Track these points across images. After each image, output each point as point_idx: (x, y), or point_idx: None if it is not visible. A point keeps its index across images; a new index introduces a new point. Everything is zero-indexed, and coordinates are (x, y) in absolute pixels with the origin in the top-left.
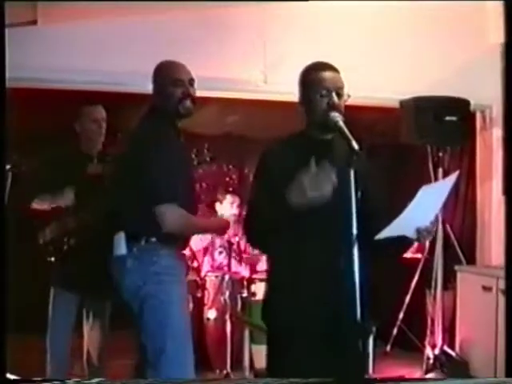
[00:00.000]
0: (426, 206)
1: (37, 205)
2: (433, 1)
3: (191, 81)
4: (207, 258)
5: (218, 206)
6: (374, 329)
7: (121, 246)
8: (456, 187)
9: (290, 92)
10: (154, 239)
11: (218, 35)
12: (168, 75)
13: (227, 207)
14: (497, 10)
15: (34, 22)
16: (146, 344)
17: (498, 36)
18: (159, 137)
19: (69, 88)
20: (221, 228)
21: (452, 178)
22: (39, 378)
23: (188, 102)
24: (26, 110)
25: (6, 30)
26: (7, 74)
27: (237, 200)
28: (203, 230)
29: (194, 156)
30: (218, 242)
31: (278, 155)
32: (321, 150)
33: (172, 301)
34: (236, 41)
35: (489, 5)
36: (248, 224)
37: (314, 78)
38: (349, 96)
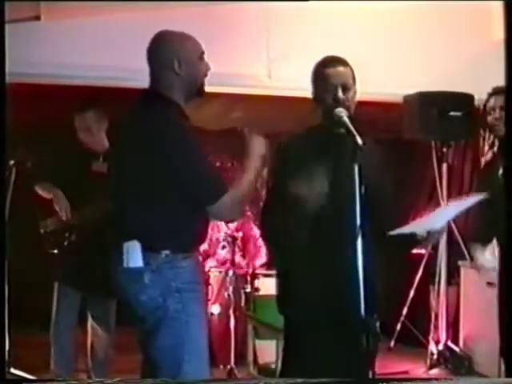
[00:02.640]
0: (444, 214)
1: (40, 191)
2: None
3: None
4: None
5: None
6: (378, 323)
7: (135, 257)
8: (460, 183)
9: (295, 87)
10: (174, 250)
11: (222, 30)
12: (191, 47)
13: None
14: (501, 6)
15: (38, 18)
16: (159, 364)
17: (502, 32)
18: (180, 128)
19: (74, 84)
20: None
21: (475, 198)
22: (39, 378)
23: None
24: (33, 105)
25: (8, 26)
26: (12, 69)
27: None
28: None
29: None
30: (221, 236)
31: (295, 149)
32: (334, 144)
33: (193, 321)
34: (240, 36)
35: (493, 1)
36: (263, 219)
37: (320, 74)
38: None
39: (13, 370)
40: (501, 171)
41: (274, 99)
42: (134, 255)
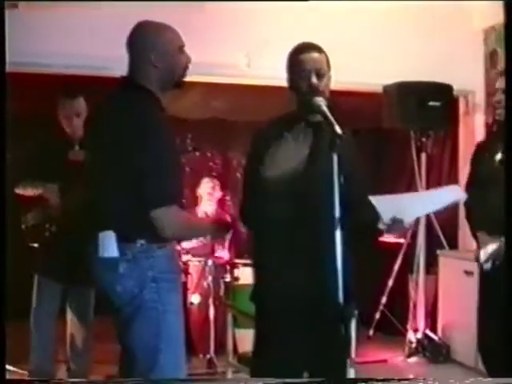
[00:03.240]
0: (417, 205)
1: (20, 191)
2: None
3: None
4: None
5: (198, 190)
6: (356, 312)
7: (111, 247)
8: (439, 172)
9: (274, 76)
10: (150, 240)
11: (201, 19)
12: (173, 41)
13: (206, 191)
14: None
15: (15, 6)
16: (135, 354)
17: (481, 22)
18: (151, 121)
19: (51, 72)
20: (221, 229)
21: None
22: (39, 378)
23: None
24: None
25: None
26: None
27: (217, 184)
28: (203, 233)
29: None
30: None
31: (268, 137)
32: (310, 132)
33: (169, 310)
34: (219, 25)
35: None
36: (241, 207)
37: (294, 60)
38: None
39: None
40: (499, 156)
41: (253, 88)
42: (109, 245)
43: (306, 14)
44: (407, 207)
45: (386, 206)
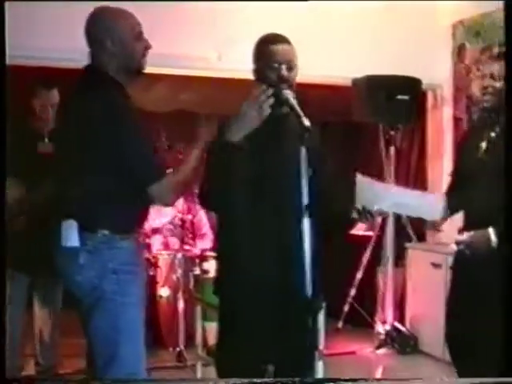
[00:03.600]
0: (390, 200)
1: None
2: None
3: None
4: (158, 237)
5: None
6: (323, 304)
7: (71, 236)
8: (407, 165)
9: (244, 69)
10: (112, 230)
11: (171, 12)
12: (130, 27)
13: None
14: None
15: None
16: (95, 347)
17: (449, 17)
18: (120, 107)
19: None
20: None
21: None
22: (39, 378)
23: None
24: None
25: None
26: None
27: None
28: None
29: None
30: (169, 219)
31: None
32: (276, 124)
33: (129, 302)
34: (189, 17)
35: None
36: (201, 191)
37: (264, 50)
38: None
39: None
40: (484, 145)
41: (223, 81)
42: (70, 234)
43: (276, 7)
44: (383, 197)
45: (366, 189)
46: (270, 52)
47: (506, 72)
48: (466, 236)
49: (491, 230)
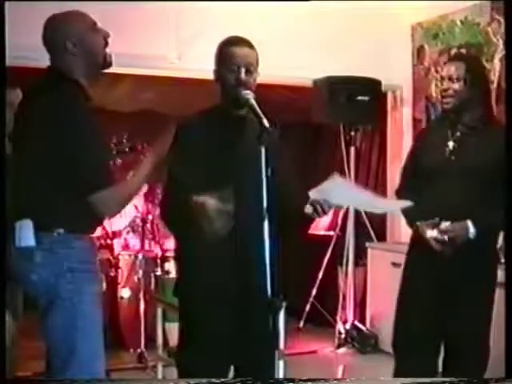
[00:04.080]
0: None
1: None
2: None
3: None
4: (118, 240)
5: None
6: (284, 304)
7: (27, 236)
8: (368, 166)
9: (205, 69)
10: (67, 229)
11: (131, 10)
12: (85, 24)
13: None
14: None
15: None
16: (53, 346)
17: (409, 19)
18: (74, 108)
19: None
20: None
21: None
22: (39, 378)
23: (106, 49)
24: None
25: None
26: None
27: None
28: (141, 185)
29: (113, 145)
30: (130, 220)
31: (192, 131)
32: (234, 126)
33: (85, 301)
34: (149, 17)
35: None
36: (161, 202)
37: (225, 53)
38: (258, 73)
39: None
40: (451, 144)
41: (184, 81)
42: (25, 234)
43: (237, 7)
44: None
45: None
46: (230, 54)
47: (506, 71)
48: (444, 226)
49: (469, 222)
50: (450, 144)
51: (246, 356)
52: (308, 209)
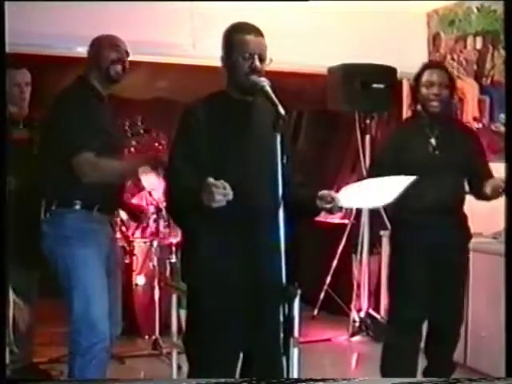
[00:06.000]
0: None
1: None
2: None
3: (127, 52)
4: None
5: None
6: (298, 292)
7: (42, 211)
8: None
9: (219, 56)
10: (62, 204)
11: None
12: (107, 39)
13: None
14: None
15: None
16: (69, 304)
17: (424, 6)
18: (77, 97)
19: None
20: (143, 161)
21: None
22: (39, 378)
23: (119, 67)
24: None
25: None
26: None
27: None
28: (125, 173)
29: (127, 127)
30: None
31: (199, 114)
32: (241, 112)
33: (78, 265)
34: (164, 4)
35: None
36: (167, 190)
37: (237, 39)
38: (271, 60)
39: None
40: (433, 141)
41: (198, 68)
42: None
43: None
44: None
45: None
46: (243, 41)
47: (506, 70)
48: None
49: None
50: (432, 141)
51: (260, 343)
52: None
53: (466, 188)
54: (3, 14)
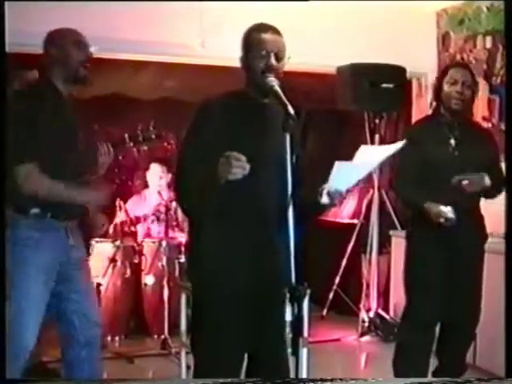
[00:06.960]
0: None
1: None
2: None
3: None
4: (142, 226)
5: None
6: (308, 292)
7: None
8: (392, 155)
9: (228, 56)
10: (18, 209)
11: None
12: (71, 36)
13: (155, 176)
14: None
15: None
16: None
17: (433, 5)
18: (35, 100)
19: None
20: (95, 200)
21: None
22: (39, 378)
23: (86, 68)
24: None
25: None
26: None
27: (165, 168)
28: (72, 201)
29: (139, 131)
30: (154, 207)
31: (214, 112)
32: (257, 113)
33: (17, 271)
34: (173, 4)
35: None
36: (177, 182)
37: (253, 39)
38: (289, 58)
39: None
40: (453, 141)
41: (207, 68)
42: None
43: None
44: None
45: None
46: (259, 40)
47: (506, 71)
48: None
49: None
50: (452, 141)
51: (267, 343)
52: (324, 199)
53: None
54: (3, 14)
